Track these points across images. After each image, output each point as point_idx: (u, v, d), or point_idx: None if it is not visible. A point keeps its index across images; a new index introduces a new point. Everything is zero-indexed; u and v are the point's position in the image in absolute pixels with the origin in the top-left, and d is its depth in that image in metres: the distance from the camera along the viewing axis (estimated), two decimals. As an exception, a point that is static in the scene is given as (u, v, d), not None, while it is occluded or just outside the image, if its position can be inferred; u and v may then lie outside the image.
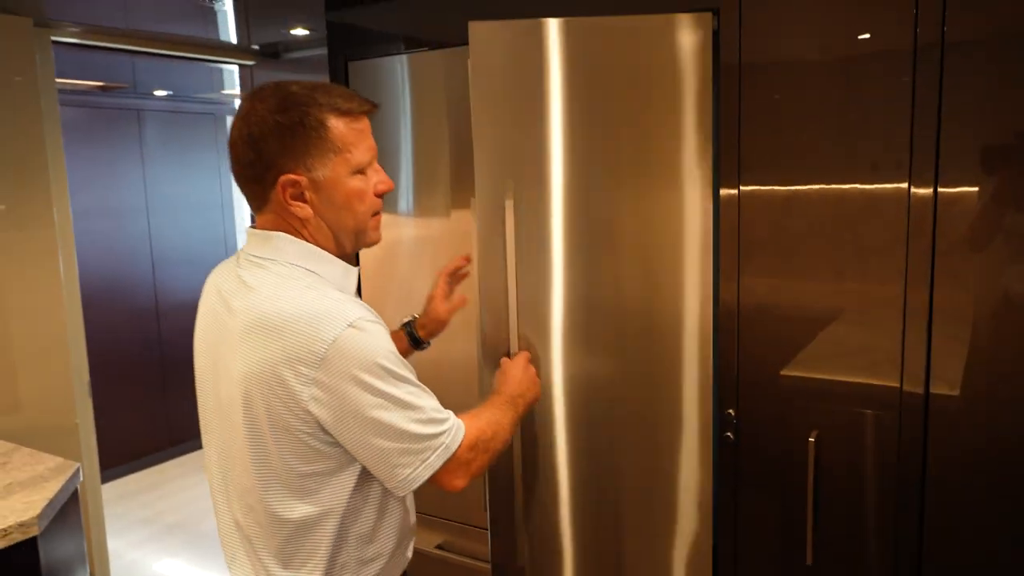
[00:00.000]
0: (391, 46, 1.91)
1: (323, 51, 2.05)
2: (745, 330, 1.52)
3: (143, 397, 4.60)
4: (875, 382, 1.42)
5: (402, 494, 1.18)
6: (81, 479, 1.97)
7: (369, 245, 1.25)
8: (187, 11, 2.52)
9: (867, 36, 1.36)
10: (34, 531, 1.62)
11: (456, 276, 1.63)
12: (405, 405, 1.11)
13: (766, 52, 1.44)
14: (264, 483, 1.12)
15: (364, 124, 1.17)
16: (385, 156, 1.94)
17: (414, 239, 1.98)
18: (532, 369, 1.54)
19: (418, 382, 1.15)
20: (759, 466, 1.55)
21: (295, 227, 1.16)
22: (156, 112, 4.63)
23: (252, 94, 1.15)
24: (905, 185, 1.43)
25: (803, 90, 1.41)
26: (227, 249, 5.04)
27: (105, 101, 4.35)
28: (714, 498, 1.58)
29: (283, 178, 1.11)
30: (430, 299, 1.60)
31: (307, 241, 1.16)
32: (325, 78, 2.03)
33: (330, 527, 1.14)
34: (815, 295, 1.45)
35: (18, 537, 1.60)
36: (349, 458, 1.13)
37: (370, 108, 1.18)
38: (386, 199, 1.97)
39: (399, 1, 1.88)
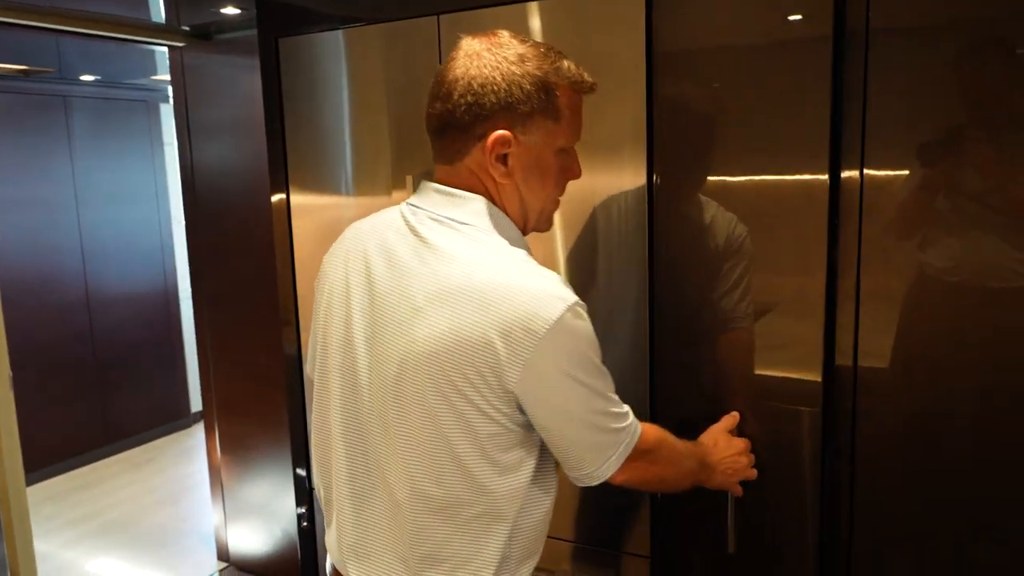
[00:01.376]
0: (326, 21, 1.86)
1: (256, 32, 1.99)
2: (671, 320, 1.51)
3: (75, 394, 4.44)
4: (798, 376, 1.41)
5: (581, 485, 1.12)
6: None
7: (542, 231, 1.18)
8: (113, -11, 2.43)
9: (796, 17, 1.36)
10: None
11: None
12: (604, 398, 1.07)
13: (698, 37, 1.42)
14: (436, 460, 1.03)
15: (581, 101, 1.11)
16: (323, 135, 1.90)
17: (355, 220, 1.95)
18: (736, 444, 1.38)
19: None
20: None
21: (486, 189, 1.08)
22: (84, 99, 4.46)
23: (480, 37, 1.07)
24: (836, 173, 1.46)
25: (733, 76, 1.39)
26: (162, 240, 4.90)
27: (28, 87, 4.18)
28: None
29: (498, 134, 1.03)
30: None
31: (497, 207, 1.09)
32: (257, 60, 1.97)
33: (507, 512, 1.07)
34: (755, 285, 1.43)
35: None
36: (534, 440, 1.08)
37: (594, 86, 1.12)
38: (325, 180, 1.94)
39: (331, -23, 1.84)
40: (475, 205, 1.07)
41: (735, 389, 1.47)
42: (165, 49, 3.04)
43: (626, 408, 1.12)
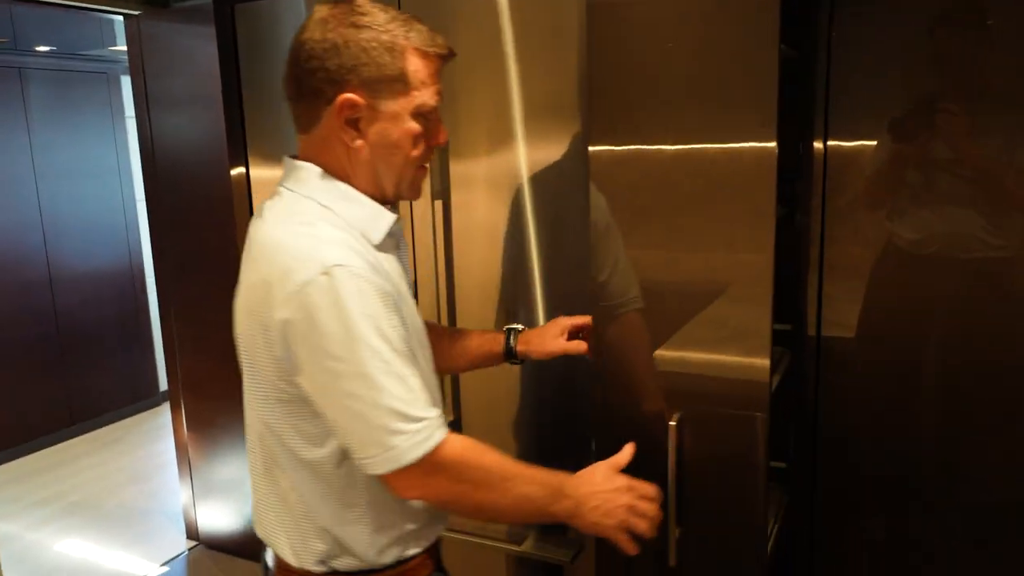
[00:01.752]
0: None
1: (213, -1, 1.92)
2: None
3: (40, 374, 4.35)
4: (745, 359, 1.27)
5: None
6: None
7: (408, 198, 1.16)
8: (63, -45, 2.33)
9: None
10: None
11: (584, 331, 1.44)
12: (367, 383, 0.98)
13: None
14: (263, 424, 1.08)
15: (438, 66, 1.10)
16: (283, 106, 1.85)
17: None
18: (616, 480, 1.12)
19: (399, 363, 1.00)
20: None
21: (337, 156, 1.08)
22: (41, 71, 4.31)
23: (332, 4, 1.07)
24: (807, 144, 1.44)
25: (675, 35, 1.25)
26: (126, 216, 4.79)
27: (-19, 57, 4.04)
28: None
29: (344, 97, 1.03)
30: (554, 324, 1.43)
31: (346, 174, 1.08)
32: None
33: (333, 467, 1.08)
34: (692, 266, 1.29)
35: None
36: None
37: (449, 53, 1.11)
38: (287, 153, 1.89)
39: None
40: (302, 173, 1.09)
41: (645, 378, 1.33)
42: (119, 17, 2.94)
43: (419, 412, 1.01)
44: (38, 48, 4.27)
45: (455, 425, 1.75)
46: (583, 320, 1.44)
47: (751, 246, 1.22)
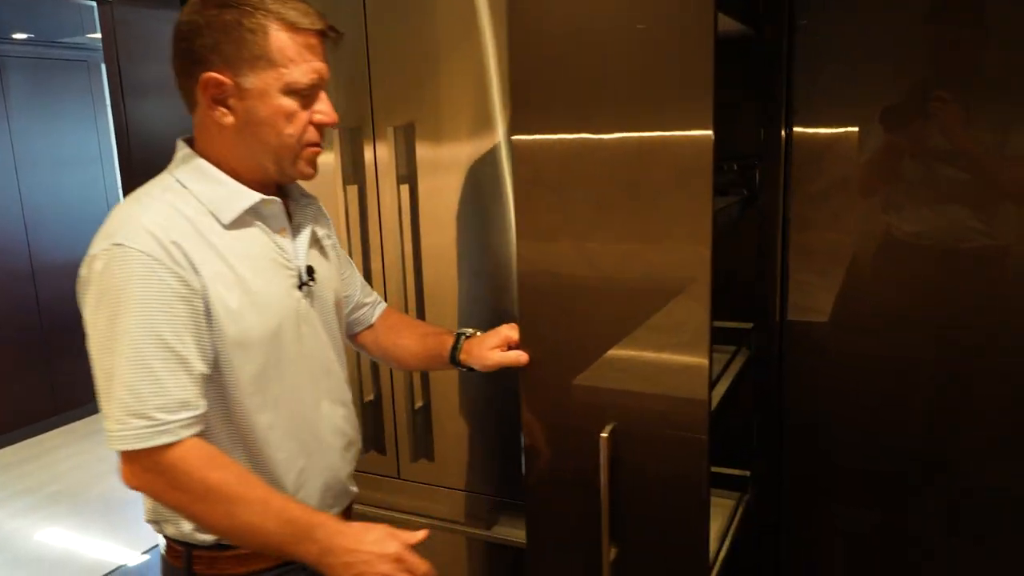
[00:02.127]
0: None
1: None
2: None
3: (22, 365, 4.35)
4: (684, 358, 1.14)
5: None
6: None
7: (299, 178, 1.16)
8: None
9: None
10: None
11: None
12: (107, 359, 0.98)
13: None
14: None
15: (313, 43, 1.08)
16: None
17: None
18: (386, 546, 1.03)
19: (155, 355, 0.97)
20: (555, 474, 1.28)
21: (211, 135, 1.09)
22: (19, 59, 4.29)
23: None
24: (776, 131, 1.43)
25: (605, 13, 1.11)
26: (108, 205, 4.77)
27: (-42, 45, 4.01)
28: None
29: (206, 76, 1.04)
30: (494, 334, 1.32)
31: (220, 152, 1.09)
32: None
33: None
34: (622, 261, 1.16)
35: None
36: None
37: (323, 28, 1.09)
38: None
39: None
40: (176, 152, 1.13)
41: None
42: (92, 3, 2.92)
43: (151, 411, 0.97)
44: (16, 36, 4.23)
45: (424, 410, 1.74)
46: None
47: (688, 239, 1.10)
